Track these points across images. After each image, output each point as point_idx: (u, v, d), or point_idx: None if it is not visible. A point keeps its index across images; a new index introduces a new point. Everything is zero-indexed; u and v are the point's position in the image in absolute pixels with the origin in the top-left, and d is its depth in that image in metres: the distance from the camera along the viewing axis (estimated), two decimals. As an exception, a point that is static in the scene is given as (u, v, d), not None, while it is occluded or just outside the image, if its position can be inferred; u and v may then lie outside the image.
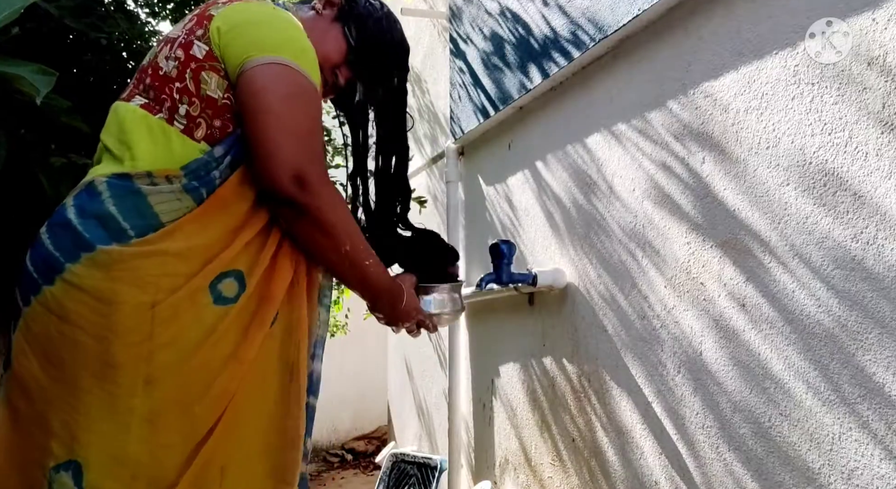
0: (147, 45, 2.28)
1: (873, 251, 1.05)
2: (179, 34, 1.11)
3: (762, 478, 1.23)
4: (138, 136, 1.06)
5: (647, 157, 1.55)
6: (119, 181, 1.03)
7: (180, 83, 1.06)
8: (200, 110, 1.05)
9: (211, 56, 1.06)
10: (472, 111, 2.44)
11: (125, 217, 1.01)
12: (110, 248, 0.99)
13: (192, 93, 1.06)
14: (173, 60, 1.08)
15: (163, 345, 0.98)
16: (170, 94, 1.06)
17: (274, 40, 1.07)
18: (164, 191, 1.02)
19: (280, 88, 1.04)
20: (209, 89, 1.06)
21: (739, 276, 1.29)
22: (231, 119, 1.07)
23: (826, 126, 1.13)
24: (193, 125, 1.05)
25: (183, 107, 1.05)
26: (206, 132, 1.05)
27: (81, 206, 1.03)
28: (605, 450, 1.67)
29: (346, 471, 4.46)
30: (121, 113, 1.10)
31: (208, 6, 1.13)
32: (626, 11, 1.56)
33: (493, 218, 2.38)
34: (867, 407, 1.05)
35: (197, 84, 1.06)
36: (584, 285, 1.78)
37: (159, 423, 0.98)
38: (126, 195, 1.02)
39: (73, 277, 0.99)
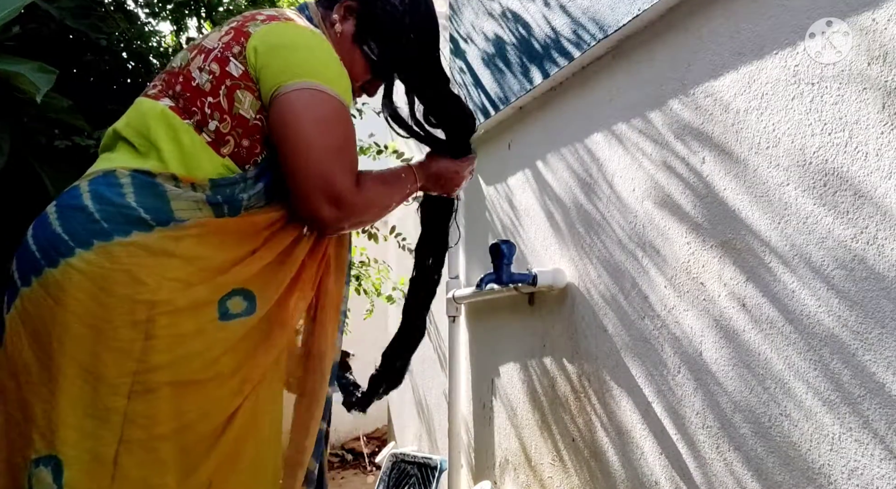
0: (147, 45, 2.29)
1: (874, 251, 1.05)
2: (215, 47, 1.10)
3: (762, 478, 1.23)
4: (164, 135, 1.05)
5: (648, 157, 1.55)
6: (143, 177, 1.03)
7: (213, 98, 1.06)
8: (231, 128, 1.05)
9: (246, 76, 1.06)
10: (472, 111, 2.44)
11: (145, 209, 1.00)
12: (128, 240, 0.98)
13: (224, 110, 1.05)
14: (207, 74, 1.07)
15: (158, 348, 0.97)
16: (201, 107, 1.06)
17: (309, 65, 1.07)
18: (185, 196, 1.02)
19: (312, 114, 1.04)
20: (242, 108, 1.06)
21: (740, 276, 1.29)
22: (260, 141, 1.07)
23: (826, 126, 1.13)
24: (221, 141, 1.05)
25: (213, 122, 1.05)
26: (233, 150, 1.05)
27: (99, 192, 1.02)
28: (605, 450, 1.67)
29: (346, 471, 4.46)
30: (146, 109, 1.09)
31: (247, 21, 1.12)
32: (626, 11, 1.56)
33: (493, 218, 2.38)
34: (868, 406, 1.05)
35: (230, 102, 1.05)
36: (584, 285, 1.78)
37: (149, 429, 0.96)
38: (148, 191, 1.02)
39: (82, 263, 0.97)
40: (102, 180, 1.04)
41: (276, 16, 1.13)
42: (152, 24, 2.42)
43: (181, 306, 0.99)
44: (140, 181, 1.02)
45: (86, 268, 0.97)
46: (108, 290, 0.96)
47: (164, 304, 0.98)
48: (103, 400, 0.95)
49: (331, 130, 1.06)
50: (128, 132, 1.09)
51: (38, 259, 1.00)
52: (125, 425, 0.95)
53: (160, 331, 0.97)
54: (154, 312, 0.97)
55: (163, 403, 0.97)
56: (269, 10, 1.17)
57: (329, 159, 1.05)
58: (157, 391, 0.96)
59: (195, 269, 1.01)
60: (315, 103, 1.05)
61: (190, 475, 0.98)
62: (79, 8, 1.86)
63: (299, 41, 1.09)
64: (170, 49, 2.46)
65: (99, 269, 0.97)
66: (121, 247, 0.98)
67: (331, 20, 1.22)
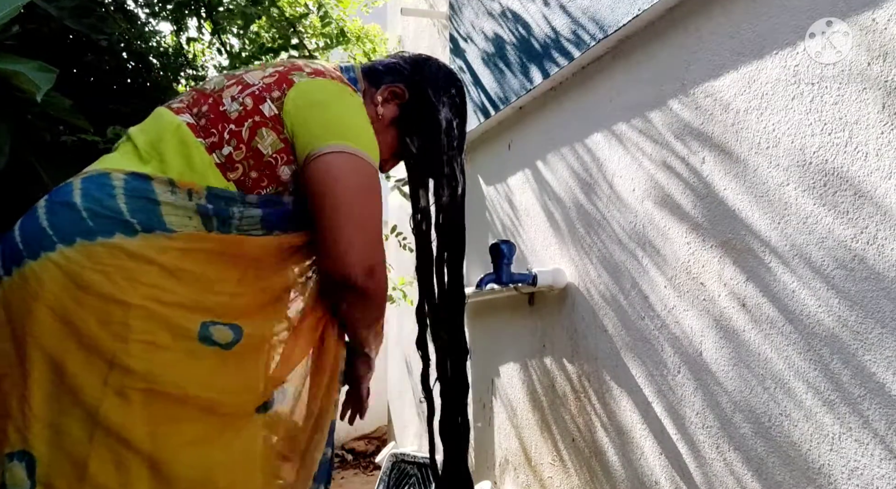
0: (147, 45, 2.29)
1: (874, 250, 1.05)
2: (255, 83, 1.12)
3: (763, 478, 1.23)
4: (174, 148, 1.06)
5: (648, 157, 1.55)
6: (137, 181, 1.03)
7: (236, 127, 1.08)
8: (244, 157, 1.07)
9: (277, 119, 1.08)
10: (472, 111, 2.45)
11: (132, 213, 1.00)
12: (111, 242, 0.98)
13: (243, 140, 1.07)
14: (238, 104, 1.09)
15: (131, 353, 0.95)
16: (220, 132, 1.07)
17: (347, 128, 1.10)
18: (178, 203, 1.02)
19: (353, 180, 1.07)
20: (261, 144, 1.07)
21: (740, 276, 1.29)
22: (269, 176, 1.08)
23: (826, 126, 1.13)
24: (231, 166, 1.06)
25: (228, 148, 1.07)
26: (239, 177, 1.06)
27: (89, 191, 1.02)
28: (605, 449, 1.67)
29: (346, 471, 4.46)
30: (165, 121, 1.10)
31: (293, 69, 1.14)
32: (626, 11, 1.56)
33: (493, 218, 2.38)
34: (868, 406, 1.05)
35: (252, 135, 1.07)
36: (584, 285, 1.78)
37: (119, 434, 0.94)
38: (139, 197, 1.02)
39: (62, 259, 0.97)
40: (96, 180, 1.04)
41: (322, 71, 1.15)
42: (152, 24, 2.43)
43: (157, 314, 0.97)
44: (133, 185, 1.02)
45: (64, 263, 0.97)
46: (85, 288, 0.96)
47: (139, 309, 0.96)
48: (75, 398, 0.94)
49: (371, 200, 1.10)
50: (138, 137, 1.10)
51: (21, 250, 1.00)
52: (95, 428, 0.94)
53: (134, 336, 0.96)
54: (129, 315, 0.96)
55: (135, 409, 0.95)
56: (317, 63, 1.19)
57: (369, 230, 1.09)
58: (129, 397, 0.95)
59: (176, 282, 1.00)
60: (355, 169, 1.08)
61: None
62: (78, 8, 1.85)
63: (340, 102, 1.12)
64: (170, 49, 2.46)
65: (77, 267, 0.97)
66: (102, 248, 0.98)
67: (374, 98, 1.24)
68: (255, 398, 1.06)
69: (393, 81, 1.25)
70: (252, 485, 1.05)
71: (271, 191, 1.08)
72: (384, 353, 4.50)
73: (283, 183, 1.08)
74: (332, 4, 3.09)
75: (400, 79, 1.25)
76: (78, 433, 0.94)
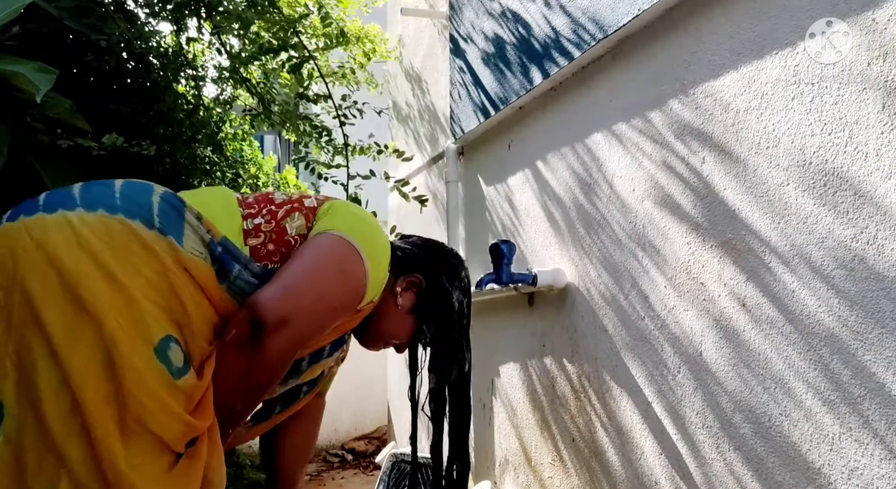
0: (147, 45, 2.28)
1: (873, 250, 1.05)
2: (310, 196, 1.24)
3: (763, 478, 1.23)
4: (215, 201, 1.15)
5: (648, 157, 1.55)
6: (174, 198, 1.09)
7: (274, 207, 1.18)
8: (270, 230, 1.14)
9: (312, 211, 1.19)
10: (473, 111, 2.45)
11: (160, 215, 1.04)
12: (128, 221, 1.01)
13: (275, 216, 1.16)
14: (285, 196, 1.22)
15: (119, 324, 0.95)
16: (260, 209, 1.17)
17: (362, 233, 1.16)
18: (199, 231, 1.07)
19: (335, 259, 1.12)
20: (290, 224, 1.16)
21: (740, 276, 1.29)
22: (284, 254, 1.13)
23: (826, 126, 1.13)
24: (254, 233, 1.13)
25: (260, 219, 1.15)
26: (257, 244, 1.12)
27: (128, 188, 1.07)
28: (605, 449, 1.67)
29: (346, 471, 4.46)
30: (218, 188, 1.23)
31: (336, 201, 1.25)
32: (626, 11, 1.56)
33: (493, 218, 2.38)
34: (868, 406, 1.05)
35: (285, 215, 1.16)
36: (584, 285, 1.78)
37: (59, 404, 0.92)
38: (172, 210, 1.06)
39: (76, 218, 0.99)
40: (138, 184, 1.10)
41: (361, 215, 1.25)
42: (152, 24, 2.42)
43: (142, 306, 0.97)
44: (170, 198, 1.08)
45: (77, 223, 0.98)
46: (88, 252, 0.96)
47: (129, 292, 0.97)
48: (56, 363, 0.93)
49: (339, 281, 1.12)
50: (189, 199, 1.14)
51: (38, 205, 1.01)
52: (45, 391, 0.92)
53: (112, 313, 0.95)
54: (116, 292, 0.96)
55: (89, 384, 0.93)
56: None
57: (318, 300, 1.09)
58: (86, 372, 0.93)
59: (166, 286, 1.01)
60: (343, 252, 1.13)
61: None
62: (78, 8, 1.85)
63: (368, 221, 1.21)
64: (170, 49, 2.46)
65: (86, 228, 0.98)
66: (120, 224, 1.00)
67: (392, 288, 1.30)
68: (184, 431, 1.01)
69: (410, 271, 1.32)
70: None
71: (278, 267, 1.12)
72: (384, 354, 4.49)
73: None
74: (332, 5, 3.09)
75: (416, 268, 1.33)
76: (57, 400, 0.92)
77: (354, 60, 3.31)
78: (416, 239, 1.42)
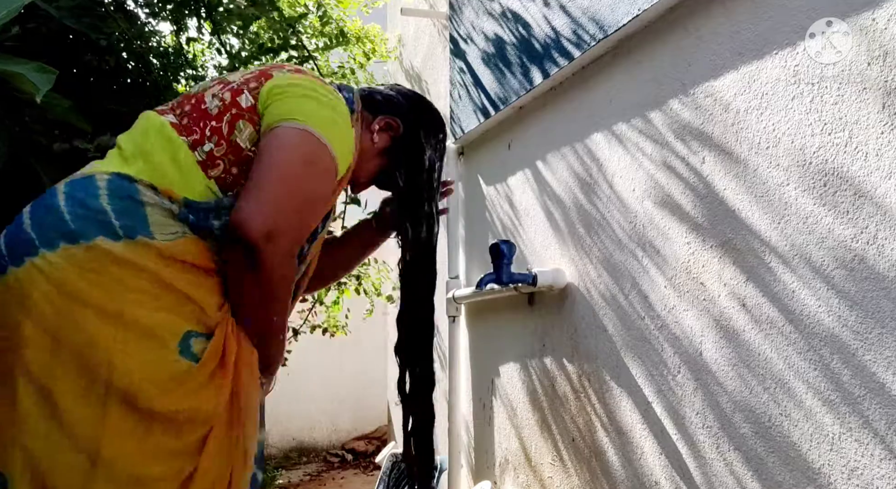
0: (147, 45, 2.28)
1: (874, 250, 1.05)
2: (236, 80, 1.13)
3: (763, 478, 1.23)
4: (158, 145, 1.06)
5: (648, 157, 1.55)
6: (121, 181, 1.02)
7: (216, 123, 1.08)
8: (224, 153, 1.07)
9: (253, 109, 1.09)
10: (472, 111, 2.45)
11: (117, 215, 0.99)
12: (92, 244, 0.96)
13: (222, 135, 1.07)
14: (218, 100, 1.10)
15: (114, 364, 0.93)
16: (202, 129, 1.08)
17: (315, 114, 1.09)
18: (162, 206, 1.02)
19: (298, 153, 1.06)
20: (240, 138, 1.08)
21: (740, 276, 1.29)
22: (247, 172, 1.07)
23: (826, 126, 1.13)
24: (212, 163, 1.06)
25: (209, 145, 1.07)
26: (220, 174, 1.06)
27: (73, 194, 1.01)
28: (605, 449, 1.67)
29: (346, 471, 4.46)
30: (150, 121, 1.11)
31: (274, 68, 1.16)
32: (626, 11, 1.56)
33: (493, 218, 2.38)
34: (868, 406, 1.05)
35: (231, 129, 1.08)
36: (584, 285, 1.78)
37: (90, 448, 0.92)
38: (123, 197, 1.00)
39: (45, 264, 0.95)
40: (80, 183, 1.03)
41: (303, 71, 1.16)
42: (152, 24, 2.42)
43: (145, 324, 0.96)
44: (116, 184, 1.01)
45: (48, 269, 0.95)
46: (70, 295, 0.94)
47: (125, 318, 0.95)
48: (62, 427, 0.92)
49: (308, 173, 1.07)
50: (125, 141, 1.10)
51: (4, 256, 0.98)
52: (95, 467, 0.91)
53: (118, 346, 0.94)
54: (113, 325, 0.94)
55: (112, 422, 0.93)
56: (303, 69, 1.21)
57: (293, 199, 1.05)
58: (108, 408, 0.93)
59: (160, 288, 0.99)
60: (303, 142, 1.06)
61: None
62: (78, 8, 1.85)
63: (314, 95, 1.11)
64: (170, 49, 2.46)
65: (60, 273, 0.95)
66: (86, 252, 0.96)
67: (370, 125, 1.26)
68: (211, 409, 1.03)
69: (390, 114, 1.27)
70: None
71: None
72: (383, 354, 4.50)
73: None
74: (332, 5, 3.09)
75: (397, 113, 1.28)
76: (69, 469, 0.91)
77: (354, 60, 3.31)
78: (402, 88, 1.36)
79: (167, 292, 1.00)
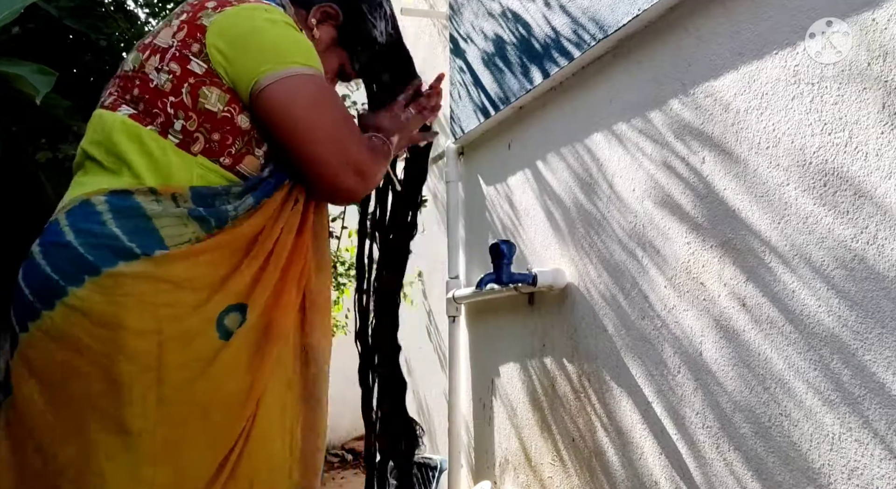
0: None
1: (874, 250, 1.05)
2: (170, 44, 1.05)
3: (763, 478, 1.23)
4: (131, 147, 1.01)
5: (648, 157, 1.55)
6: (119, 200, 0.99)
7: (175, 97, 1.02)
8: (198, 125, 1.02)
9: (211, 73, 1.03)
10: (473, 111, 2.45)
11: (130, 237, 0.97)
12: (115, 270, 0.95)
13: (188, 107, 1.02)
14: (166, 74, 1.03)
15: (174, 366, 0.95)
16: (163, 108, 1.02)
17: (279, 49, 1.04)
18: (169, 213, 0.99)
19: (304, 99, 1.04)
20: (208, 103, 1.02)
21: (740, 276, 1.29)
22: (231, 132, 1.03)
23: (826, 126, 1.13)
24: (190, 139, 1.02)
25: (179, 122, 1.02)
26: (203, 146, 1.02)
27: (78, 225, 0.99)
28: (605, 449, 1.67)
29: (346, 471, 4.46)
30: (107, 122, 1.05)
31: (197, 12, 1.07)
32: (626, 11, 1.56)
33: (493, 218, 2.38)
34: (868, 406, 1.05)
35: (195, 99, 1.02)
36: (584, 285, 1.78)
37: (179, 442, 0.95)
38: (129, 215, 0.98)
39: (76, 301, 0.94)
40: (80, 211, 1.00)
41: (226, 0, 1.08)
42: (152, 24, 2.42)
43: (180, 332, 0.96)
44: (117, 205, 0.99)
45: (81, 305, 0.94)
46: (106, 324, 0.94)
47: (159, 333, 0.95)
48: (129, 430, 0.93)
49: (328, 107, 1.07)
50: (94, 150, 1.05)
51: (33, 302, 0.97)
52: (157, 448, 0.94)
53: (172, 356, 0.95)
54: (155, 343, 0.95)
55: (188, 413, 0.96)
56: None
57: (341, 134, 1.07)
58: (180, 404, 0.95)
59: (189, 292, 0.98)
60: (301, 87, 1.04)
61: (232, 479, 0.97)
62: (78, 8, 1.85)
63: (260, 25, 1.06)
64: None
65: (94, 305, 0.94)
66: (110, 279, 0.95)
67: (307, 21, 1.21)
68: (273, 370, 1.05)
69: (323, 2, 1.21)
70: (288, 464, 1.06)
71: (239, 145, 1.04)
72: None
73: (247, 132, 1.04)
74: (332, 4, 3.08)
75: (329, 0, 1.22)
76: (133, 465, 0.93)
77: (354, 60, 3.31)
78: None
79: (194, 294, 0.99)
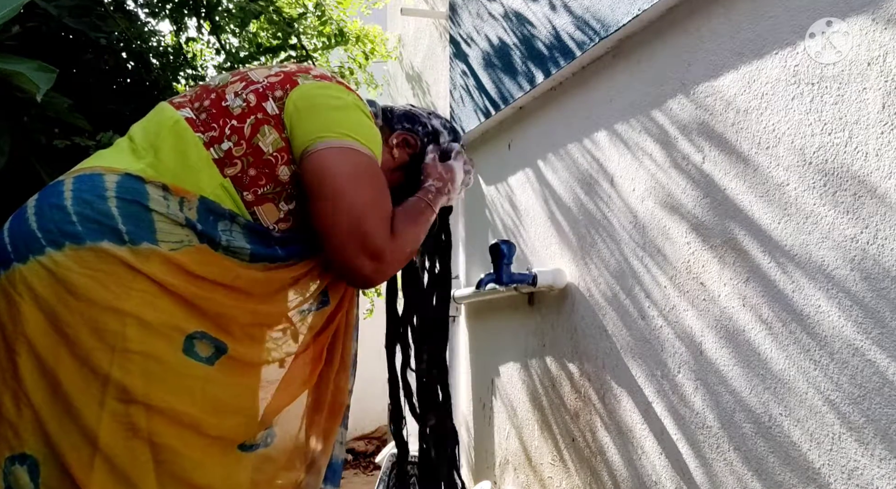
0: (147, 45, 2.29)
1: (874, 250, 1.05)
2: (260, 81, 1.10)
3: (763, 478, 1.23)
4: (170, 145, 1.04)
5: (648, 157, 1.55)
6: (131, 182, 1.00)
7: (238, 123, 1.06)
8: (244, 154, 1.05)
9: (279, 119, 1.07)
10: (473, 111, 2.45)
11: (124, 221, 0.98)
12: (98, 246, 0.96)
13: (243, 135, 1.05)
14: (241, 101, 1.08)
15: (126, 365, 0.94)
16: (222, 127, 1.05)
17: (342, 123, 1.08)
18: (170, 215, 1.00)
19: (346, 167, 1.06)
20: (262, 141, 1.05)
21: (740, 276, 1.29)
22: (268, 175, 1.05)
23: (826, 126, 1.13)
24: (229, 162, 1.04)
25: (228, 143, 1.05)
26: (236, 173, 1.04)
27: (80, 193, 0.99)
28: (605, 449, 1.67)
29: (346, 471, 4.46)
30: (164, 115, 1.09)
31: (299, 71, 1.13)
32: (626, 11, 1.56)
33: (493, 218, 2.38)
34: (868, 406, 1.05)
35: (254, 132, 1.05)
36: (584, 285, 1.78)
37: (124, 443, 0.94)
38: (132, 202, 0.99)
39: (51, 264, 0.95)
40: (88, 180, 1.01)
41: (328, 77, 1.15)
42: (152, 23, 2.42)
43: (150, 322, 0.96)
44: (126, 187, 1.00)
45: (53, 267, 0.95)
46: (76, 293, 0.94)
47: (133, 317, 0.95)
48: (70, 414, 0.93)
49: (362, 184, 1.07)
50: (137, 132, 1.08)
51: (9, 252, 0.98)
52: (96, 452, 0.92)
53: (130, 345, 0.94)
54: (124, 324, 0.95)
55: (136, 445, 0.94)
56: (324, 70, 1.19)
57: (365, 214, 1.06)
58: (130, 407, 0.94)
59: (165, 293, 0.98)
60: (346, 159, 1.06)
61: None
62: (78, 7, 1.85)
63: (338, 102, 1.11)
64: (169, 49, 2.46)
65: (66, 271, 0.95)
66: (92, 253, 0.96)
67: (388, 139, 1.26)
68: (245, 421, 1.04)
69: (406, 130, 1.27)
70: None
71: (268, 190, 1.06)
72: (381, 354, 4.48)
73: (281, 183, 1.06)
74: (332, 5, 3.09)
75: (413, 130, 1.28)
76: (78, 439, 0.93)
77: (354, 61, 3.32)
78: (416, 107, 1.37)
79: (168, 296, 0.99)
